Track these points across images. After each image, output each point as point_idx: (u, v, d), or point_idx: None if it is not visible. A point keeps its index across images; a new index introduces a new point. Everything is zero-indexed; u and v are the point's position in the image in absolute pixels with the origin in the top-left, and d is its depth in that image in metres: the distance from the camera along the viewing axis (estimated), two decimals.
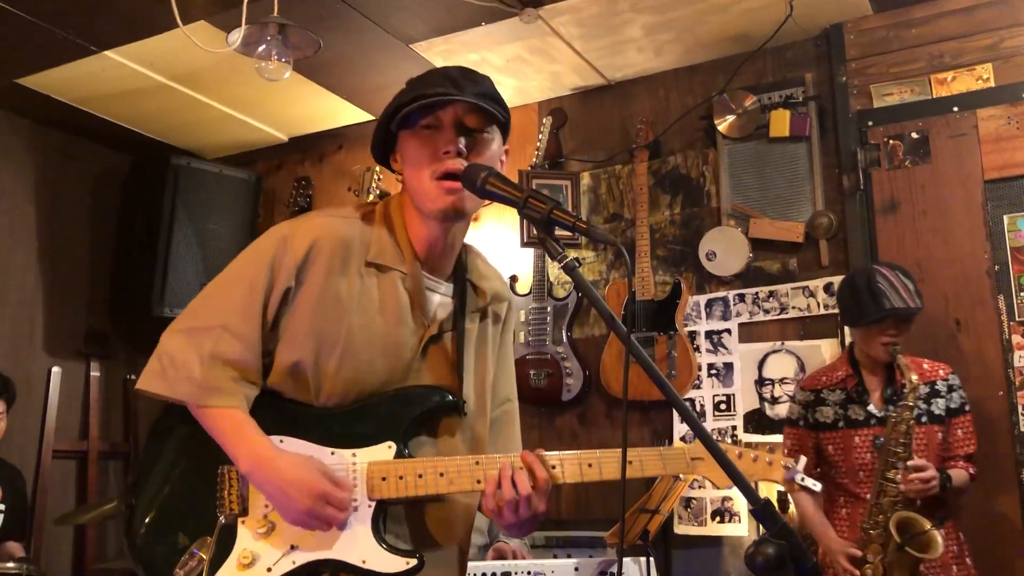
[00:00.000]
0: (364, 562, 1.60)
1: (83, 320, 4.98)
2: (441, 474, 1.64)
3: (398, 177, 1.77)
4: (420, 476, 1.63)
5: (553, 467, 1.67)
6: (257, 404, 1.67)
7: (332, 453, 1.65)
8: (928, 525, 2.76)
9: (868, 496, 2.94)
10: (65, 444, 4.82)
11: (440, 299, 1.78)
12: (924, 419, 2.96)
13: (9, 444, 4.05)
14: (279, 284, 1.67)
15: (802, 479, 1.67)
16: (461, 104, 1.67)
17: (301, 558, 1.60)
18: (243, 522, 1.62)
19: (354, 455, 1.65)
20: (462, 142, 1.67)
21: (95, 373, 4.97)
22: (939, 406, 2.99)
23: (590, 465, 1.70)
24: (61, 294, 4.90)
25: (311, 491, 1.57)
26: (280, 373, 1.68)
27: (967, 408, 3.04)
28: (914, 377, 2.88)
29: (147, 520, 1.65)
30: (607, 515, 3.95)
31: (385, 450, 1.66)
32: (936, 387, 3.02)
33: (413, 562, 1.61)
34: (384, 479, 1.63)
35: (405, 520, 1.71)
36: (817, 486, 1.72)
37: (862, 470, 3.00)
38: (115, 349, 5.08)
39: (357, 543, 1.61)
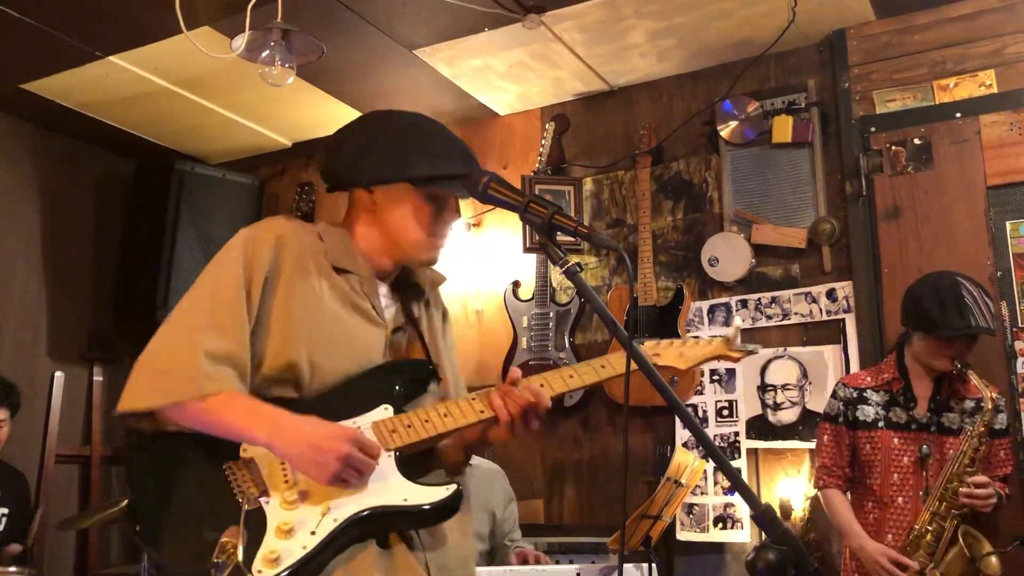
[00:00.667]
0: (406, 500, 1.62)
1: (86, 324, 4.99)
2: (445, 414, 1.71)
3: (370, 206, 1.84)
4: (426, 420, 1.69)
5: (541, 385, 1.77)
6: None
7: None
8: (988, 548, 2.77)
9: (899, 500, 2.92)
10: (68, 449, 4.82)
11: (386, 301, 1.87)
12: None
13: (12, 448, 4.06)
14: (256, 279, 1.69)
15: (744, 345, 1.88)
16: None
17: (341, 515, 1.58)
18: (268, 501, 1.60)
19: (354, 422, 1.68)
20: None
21: (98, 378, 4.97)
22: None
23: (571, 376, 1.81)
24: (65, 299, 4.91)
25: (343, 436, 1.58)
26: (273, 369, 1.68)
27: (1010, 431, 3.03)
28: (994, 395, 2.83)
29: (165, 522, 1.62)
30: (609, 521, 3.95)
31: (383, 411, 1.70)
32: (981, 405, 2.95)
33: (453, 486, 1.65)
34: (393, 431, 1.67)
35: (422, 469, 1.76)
36: (759, 348, 1.88)
37: (897, 472, 2.95)
38: (118, 354, 5.08)
39: (391, 487, 1.62)
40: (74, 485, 4.89)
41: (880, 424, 3.01)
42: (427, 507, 1.63)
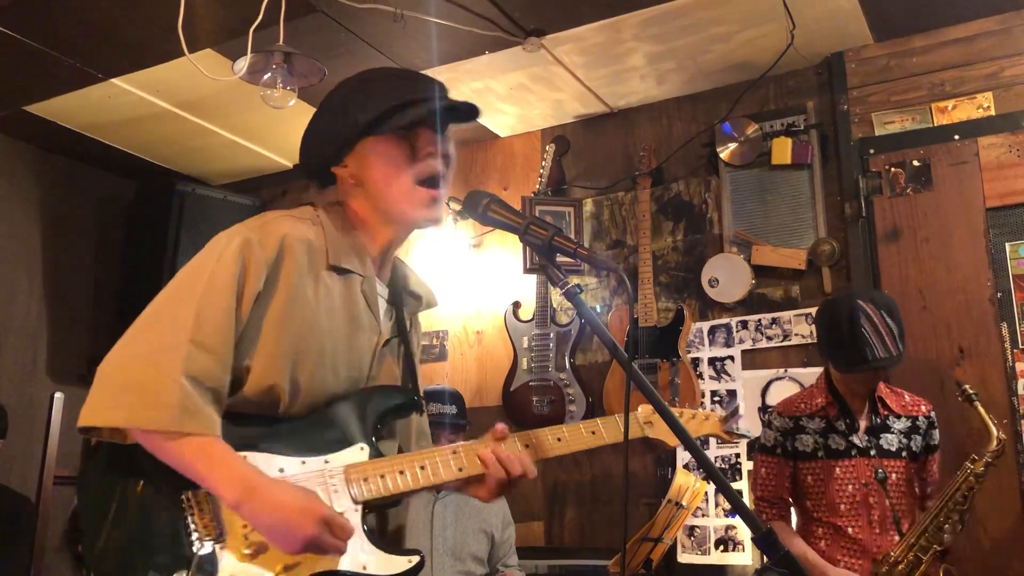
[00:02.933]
0: (365, 568, 1.52)
1: (87, 346, 4.99)
2: (422, 467, 1.60)
3: (352, 181, 1.72)
4: (401, 473, 1.58)
5: (526, 446, 1.69)
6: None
7: (303, 462, 1.56)
8: None
9: (849, 530, 2.85)
10: (67, 471, 4.79)
11: (386, 305, 1.77)
12: (904, 453, 2.89)
13: (10, 470, 4.04)
14: (249, 289, 1.54)
15: (736, 428, 1.88)
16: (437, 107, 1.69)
17: None
18: (223, 547, 1.48)
19: (326, 461, 1.57)
20: (445, 144, 1.70)
21: None
22: (916, 443, 2.91)
23: (559, 440, 1.74)
24: (65, 320, 4.91)
25: (315, 515, 1.46)
26: (252, 390, 1.56)
27: (939, 445, 2.98)
28: (1002, 435, 2.75)
29: (109, 564, 1.49)
30: (610, 544, 3.93)
31: (358, 452, 1.59)
32: (917, 423, 2.93)
33: (416, 559, 1.56)
34: (365, 480, 1.57)
35: (374, 526, 1.66)
36: (750, 434, 1.87)
37: (843, 503, 2.87)
38: None
39: (353, 550, 1.51)
40: (72, 506, 4.86)
41: (820, 454, 2.92)
42: None
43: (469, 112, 1.75)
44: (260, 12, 3.20)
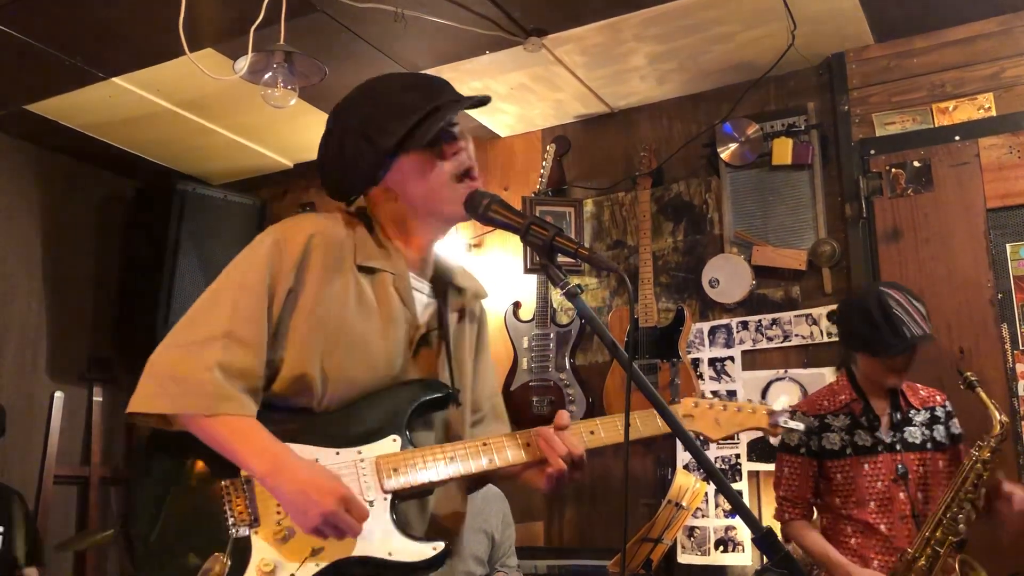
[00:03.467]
0: (390, 554, 1.58)
1: (87, 345, 4.99)
2: (451, 458, 1.65)
3: (389, 195, 1.77)
4: (431, 463, 1.64)
5: (591, 432, 1.72)
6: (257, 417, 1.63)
7: (337, 453, 1.63)
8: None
9: (881, 527, 2.83)
10: (67, 469, 4.81)
11: (426, 299, 1.81)
12: (929, 445, 2.88)
13: (10, 468, 4.04)
14: (281, 286, 1.64)
15: (785, 421, 1.77)
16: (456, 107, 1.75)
17: (323, 560, 1.55)
18: (256, 532, 1.57)
19: (359, 452, 1.64)
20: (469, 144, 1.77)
21: (98, 398, 4.97)
22: (940, 433, 2.91)
23: (592, 432, 1.74)
24: (65, 319, 4.91)
25: (334, 493, 1.53)
26: (285, 381, 1.64)
27: (963, 434, 2.96)
28: (1005, 419, 2.75)
29: (151, 546, 1.59)
30: (609, 544, 3.93)
31: (390, 443, 1.65)
32: (935, 413, 2.94)
33: (441, 546, 1.60)
34: (395, 470, 1.62)
35: (410, 517, 1.71)
36: (801, 425, 1.79)
37: (873, 499, 2.87)
38: (118, 375, 5.08)
39: (379, 537, 1.58)
40: (72, 505, 4.87)
41: (848, 451, 2.91)
42: (410, 565, 1.58)
43: (479, 102, 1.81)
44: (261, 11, 3.20)
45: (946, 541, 2.74)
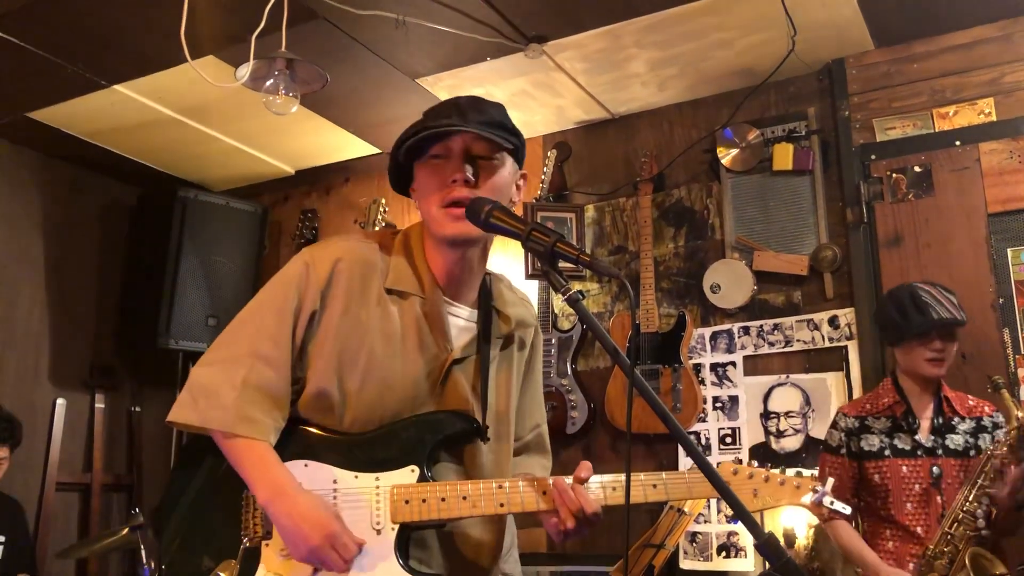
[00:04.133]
0: None
1: (89, 352, 5.00)
2: (464, 497, 1.66)
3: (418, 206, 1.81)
4: (443, 500, 1.65)
5: (613, 488, 1.72)
6: (284, 430, 1.71)
7: (356, 477, 1.68)
8: (1002, 569, 2.69)
9: (918, 529, 2.86)
10: (68, 476, 4.81)
11: (464, 324, 1.81)
12: (972, 453, 2.90)
13: (12, 476, 4.04)
14: (306, 308, 1.71)
15: (831, 502, 1.66)
16: (468, 134, 1.72)
17: None
18: (267, 544, 1.65)
19: (377, 479, 1.68)
20: (468, 171, 1.70)
21: (100, 405, 4.97)
22: (986, 442, 2.91)
23: (654, 486, 1.72)
24: (67, 326, 4.91)
25: (323, 530, 1.59)
26: (308, 398, 1.71)
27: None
28: (1021, 415, 2.79)
29: (175, 542, 1.70)
30: (612, 550, 3.92)
31: (408, 474, 1.68)
32: (982, 422, 2.95)
33: None
34: (407, 502, 1.65)
35: (431, 546, 1.74)
36: (847, 509, 1.70)
37: (910, 501, 2.90)
38: (120, 381, 5.09)
39: (380, 567, 1.62)
40: (74, 513, 4.87)
41: (887, 453, 2.96)
42: None
43: (495, 137, 1.76)
44: (262, 19, 3.21)
45: (964, 537, 2.76)
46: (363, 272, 1.74)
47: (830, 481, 1.65)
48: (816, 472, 1.72)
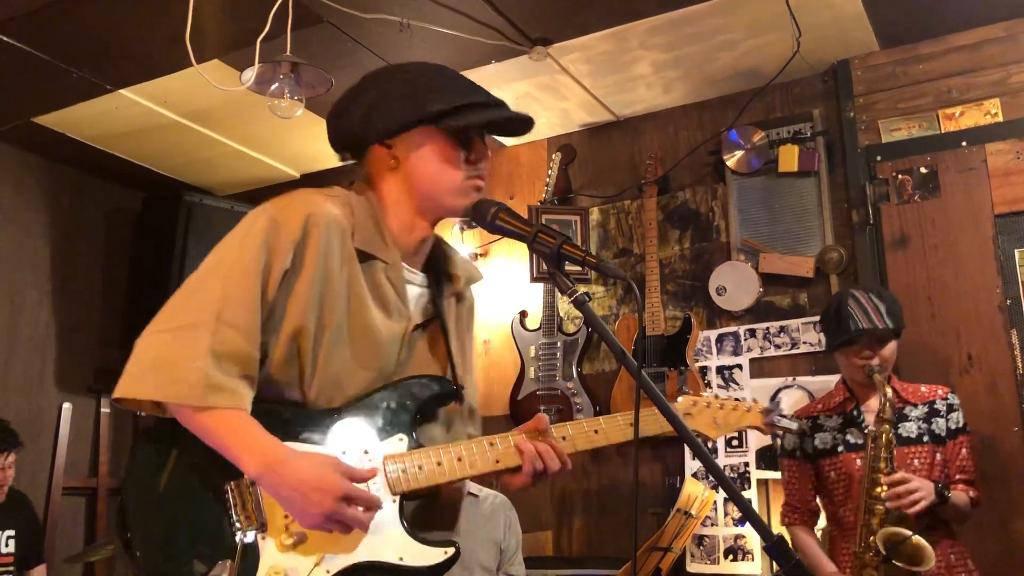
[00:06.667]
0: (401, 559, 1.55)
1: (94, 356, 5.00)
2: (459, 459, 1.62)
3: (391, 163, 1.70)
4: (439, 464, 1.61)
5: (563, 438, 1.70)
6: (253, 411, 1.54)
7: (344, 453, 1.58)
8: (909, 533, 2.65)
9: (874, 524, 2.80)
10: (75, 481, 4.81)
11: (419, 289, 1.76)
12: (925, 438, 2.87)
13: (19, 480, 4.05)
14: (276, 267, 1.56)
15: (779, 420, 1.85)
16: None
17: (334, 566, 1.51)
18: (264, 537, 1.51)
19: (366, 452, 1.60)
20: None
21: (105, 410, 4.98)
22: (939, 426, 2.89)
23: (596, 432, 1.73)
24: (73, 330, 4.92)
25: (334, 492, 1.47)
26: (274, 366, 1.58)
27: (968, 429, 2.94)
28: (889, 391, 2.80)
29: (154, 551, 1.50)
30: (618, 553, 3.91)
31: (397, 443, 1.62)
32: (935, 406, 2.92)
33: (451, 551, 1.58)
34: (404, 471, 1.59)
35: (420, 518, 1.67)
36: (794, 424, 1.88)
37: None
38: None
39: (389, 541, 1.55)
40: (80, 517, 4.87)
41: (840, 448, 2.94)
42: (421, 570, 1.56)
43: (521, 127, 1.80)
44: (267, 23, 3.21)
45: (881, 524, 2.71)
46: (336, 228, 1.62)
47: (781, 400, 1.75)
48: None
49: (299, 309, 1.57)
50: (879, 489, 2.74)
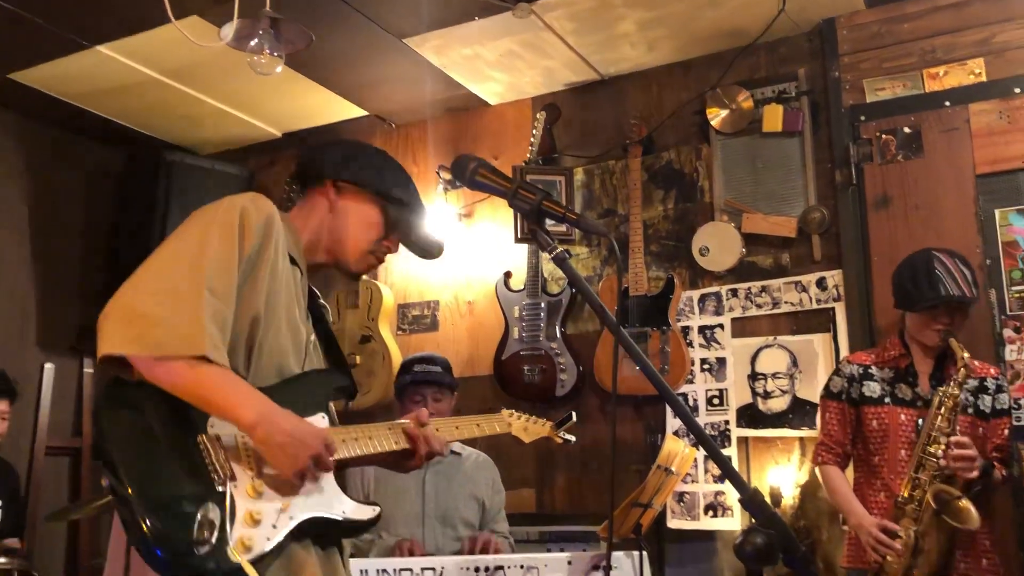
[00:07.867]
0: (344, 514, 1.75)
1: (76, 316, 4.98)
2: (370, 438, 1.87)
3: (329, 203, 1.93)
4: (356, 440, 1.83)
5: (437, 429, 2.01)
6: None
7: None
8: (959, 493, 2.71)
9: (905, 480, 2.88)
10: (58, 441, 4.81)
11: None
12: (970, 410, 2.91)
13: (2, 441, 4.05)
14: (245, 248, 1.69)
15: (563, 434, 2.34)
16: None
17: (297, 515, 1.67)
18: (235, 486, 1.61)
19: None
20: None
21: (88, 370, 4.96)
22: (985, 403, 2.93)
23: (456, 428, 2.12)
24: (54, 290, 4.89)
25: (321, 437, 1.65)
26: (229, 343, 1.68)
27: (1011, 411, 2.98)
28: (966, 355, 2.82)
29: (147, 498, 1.54)
30: (600, 509, 3.96)
31: (320, 420, 1.79)
32: (985, 383, 2.96)
33: (377, 509, 1.83)
34: (343, 442, 1.80)
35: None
36: (572, 438, 2.35)
37: (904, 448, 2.91)
38: None
39: (333, 500, 1.75)
40: (64, 477, 4.88)
41: (886, 400, 2.99)
42: (360, 523, 1.79)
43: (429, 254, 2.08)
44: None
45: (930, 479, 2.79)
46: (284, 231, 1.81)
47: (571, 413, 2.33)
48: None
49: (253, 297, 1.70)
50: (936, 447, 2.79)
